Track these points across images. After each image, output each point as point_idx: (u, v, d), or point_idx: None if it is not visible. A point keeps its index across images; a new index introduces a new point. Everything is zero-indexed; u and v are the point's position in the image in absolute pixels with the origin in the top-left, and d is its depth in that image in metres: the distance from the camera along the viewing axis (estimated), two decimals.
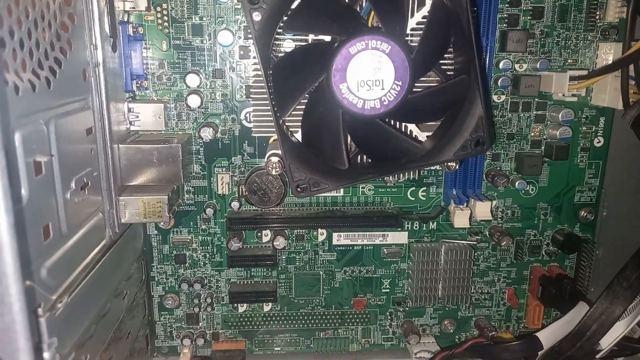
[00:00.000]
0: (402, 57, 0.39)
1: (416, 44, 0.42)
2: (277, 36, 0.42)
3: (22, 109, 0.29)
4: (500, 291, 0.60)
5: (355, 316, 0.60)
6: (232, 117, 0.52)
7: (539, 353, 0.49)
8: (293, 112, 0.42)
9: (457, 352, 0.54)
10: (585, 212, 0.58)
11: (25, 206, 0.29)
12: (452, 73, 0.45)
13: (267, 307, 0.58)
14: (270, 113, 0.40)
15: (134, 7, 0.47)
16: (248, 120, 0.52)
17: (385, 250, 0.57)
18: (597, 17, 0.53)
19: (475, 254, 0.58)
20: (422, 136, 0.46)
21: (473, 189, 0.54)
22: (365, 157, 0.46)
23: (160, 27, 0.49)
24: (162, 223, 0.54)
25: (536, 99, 0.54)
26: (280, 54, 0.43)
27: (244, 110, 0.52)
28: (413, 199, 0.57)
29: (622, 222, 0.57)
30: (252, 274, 0.57)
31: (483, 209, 0.54)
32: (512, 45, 0.51)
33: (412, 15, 0.43)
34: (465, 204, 0.55)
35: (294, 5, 0.40)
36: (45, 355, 0.30)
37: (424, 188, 0.56)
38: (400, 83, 0.40)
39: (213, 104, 0.51)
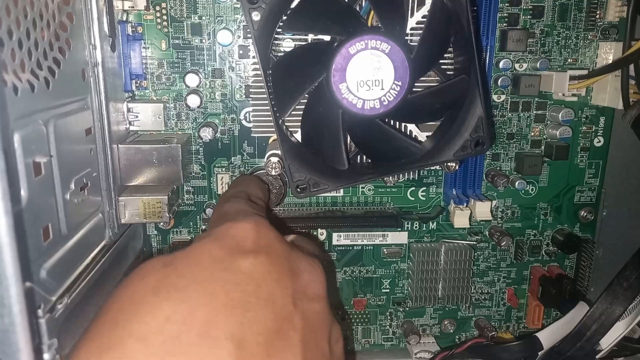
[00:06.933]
0: (402, 57, 0.39)
1: (416, 44, 0.42)
2: (276, 36, 0.42)
3: (21, 109, 0.29)
4: (500, 291, 0.60)
5: (355, 316, 0.60)
6: (232, 117, 0.52)
7: (539, 353, 0.48)
8: (293, 112, 0.42)
9: (457, 352, 0.54)
10: (585, 212, 0.58)
11: (24, 207, 0.29)
12: (452, 73, 0.45)
13: None
14: (269, 113, 0.40)
15: (133, 7, 0.47)
16: (248, 120, 0.52)
17: (385, 250, 0.57)
18: (597, 16, 0.52)
19: (475, 254, 0.58)
20: (422, 136, 0.46)
21: (473, 189, 0.54)
22: (365, 157, 0.46)
23: (160, 27, 0.49)
24: (162, 223, 0.54)
25: (536, 99, 0.54)
26: (279, 54, 0.43)
27: (244, 110, 0.52)
28: (413, 199, 0.56)
29: (622, 222, 0.57)
30: None
31: (483, 209, 0.54)
32: (512, 44, 0.51)
33: (412, 15, 0.43)
34: (465, 204, 0.55)
35: (293, 5, 0.40)
36: (46, 356, 0.30)
37: (424, 188, 0.56)
38: (399, 83, 0.40)
39: (212, 104, 0.51)
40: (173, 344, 0.25)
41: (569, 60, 0.54)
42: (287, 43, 0.44)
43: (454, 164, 0.46)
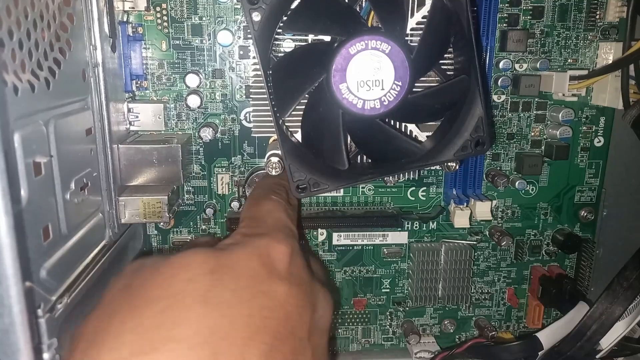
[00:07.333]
0: (402, 57, 0.39)
1: (416, 44, 0.42)
2: (276, 36, 0.42)
3: (22, 109, 0.29)
4: (500, 291, 0.60)
5: (355, 316, 0.60)
6: (232, 117, 0.52)
7: (539, 353, 0.49)
8: (293, 112, 0.42)
9: (457, 352, 0.54)
10: (585, 212, 0.58)
11: (24, 207, 0.29)
12: (452, 73, 0.45)
13: None
14: (270, 113, 0.40)
15: (133, 7, 0.47)
16: (248, 120, 0.52)
17: (385, 250, 0.57)
18: (597, 16, 0.53)
19: (475, 254, 0.58)
20: (422, 136, 0.46)
21: (473, 188, 0.54)
22: (365, 157, 0.46)
23: (160, 27, 0.49)
24: (162, 223, 0.54)
25: (536, 99, 0.54)
26: (280, 54, 0.43)
27: (244, 111, 0.52)
28: (413, 199, 0.57)
29: (622, 222, 0.57)
30: None
31: (483, 209, 0.54)
32: (512, 45, 0.51)
33: (412, 15, 0.43)
34: (465, 204, 0.55)
35: (293, 5, 0.40)
36: (45, 356, 0.30)
37: (424, 188, 0.56)
38: (400, 83, 0.40)
39: (213, 104, 0.51)
40: (216, 357, 0.25)
41: (569, 60, 0.54)
42: (287, 43, 0.44)
43: (454, 164, 0.46)
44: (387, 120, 0.44)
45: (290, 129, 0.43)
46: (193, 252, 0.30)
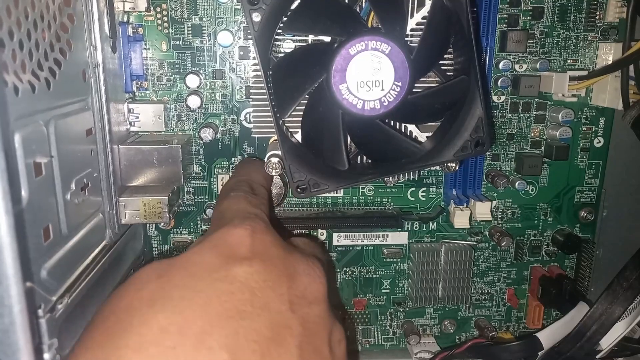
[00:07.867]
0: (402, 58, 0.39)
1: (416, 44, 0.42)
2: (276, 37, 0.42)
3: (22, 110, 0.29)
4: (500, 291, 0.60)
5: (356, 316, 0.60)
6: (232, 118, 0.52)
7: (539, 353, 0.48)
8: (293, 113, 0.42)
9: (457, 353, 0.54)
10: (585, 213, 0.58)
11: (25, 207, 0.29)
12: (452, 73, 0.45)
13: None
14: (270, 114, 0.40)
15: (133, 8, 0.48)
16: (248, 120, 0.52)
17: (385, 250, 0.57)
18: (597, 17, 0.53)
19: (475, 254, 0.58)
20: (422, 137, 0.46)
21: (473, 189, 0.54)
22: (365, 157, 0.46)
23: (160, 28, 0.49)
24: (162, 224, 0.54)
25: (536, 99, 0.54)
26: (280, 55, 0.43)
27: (244, 111, 0.52)
28: (413, 199, 0.57)
29: (622, 222, 0.57)
30: None
31: (483, 210, 0.54)
32: (512, 45, 0.51)
33: (412, 15, 0.43)
34: (465, 205, 0.55)
35: (293, 6, 0.40)
36: (46, 356, 0.30)
37: (424, 188, 0.56)
38: (400, 83, 0.40)
39: (213, 105, 0.51)
40: (168, 355, 0.25)
41: (569, 61, 0.54)
42: (287, 44, 0.44)
43: (454, 165, 0.46)
44: (387, 120, 0.44)
45: (290, 129, 0.43)
46: (147, 265, 0.31)
